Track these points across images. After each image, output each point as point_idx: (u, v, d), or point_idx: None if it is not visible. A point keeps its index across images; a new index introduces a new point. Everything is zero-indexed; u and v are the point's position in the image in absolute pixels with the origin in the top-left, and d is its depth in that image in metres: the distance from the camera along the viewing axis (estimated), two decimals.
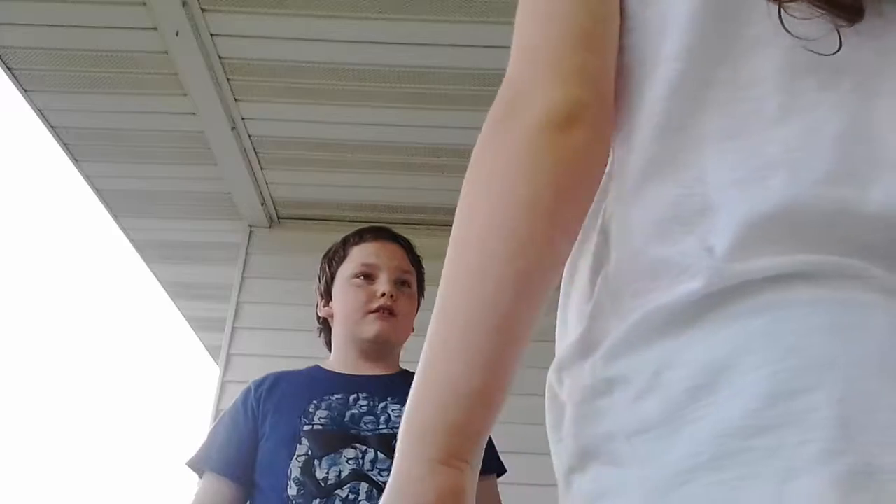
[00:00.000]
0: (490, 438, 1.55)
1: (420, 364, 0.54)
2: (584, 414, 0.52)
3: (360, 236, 1.63)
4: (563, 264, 0.56)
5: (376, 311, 1.51)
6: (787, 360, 0.44)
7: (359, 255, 1.59)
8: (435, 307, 0.55)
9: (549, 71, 0.56)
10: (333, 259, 1.63)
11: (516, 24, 0.61)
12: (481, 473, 1.63)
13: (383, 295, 1.52)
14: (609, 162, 0.58)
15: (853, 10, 0.53)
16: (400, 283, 1.57)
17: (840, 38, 0.53)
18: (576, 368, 0.54)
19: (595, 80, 0.56)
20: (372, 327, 1.51)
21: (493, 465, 1.53)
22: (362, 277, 1.55)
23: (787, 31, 0.53)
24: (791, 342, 0.45)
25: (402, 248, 1.63)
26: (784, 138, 0.51)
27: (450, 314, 0.53)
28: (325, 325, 1.63)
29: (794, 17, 0.53)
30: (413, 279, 1.61)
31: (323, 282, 1.63)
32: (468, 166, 0.57)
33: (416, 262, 1.64)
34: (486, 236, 0.54)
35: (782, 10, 0.54)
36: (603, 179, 0.58)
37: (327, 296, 1.61)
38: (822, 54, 0.53)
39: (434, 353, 0.53)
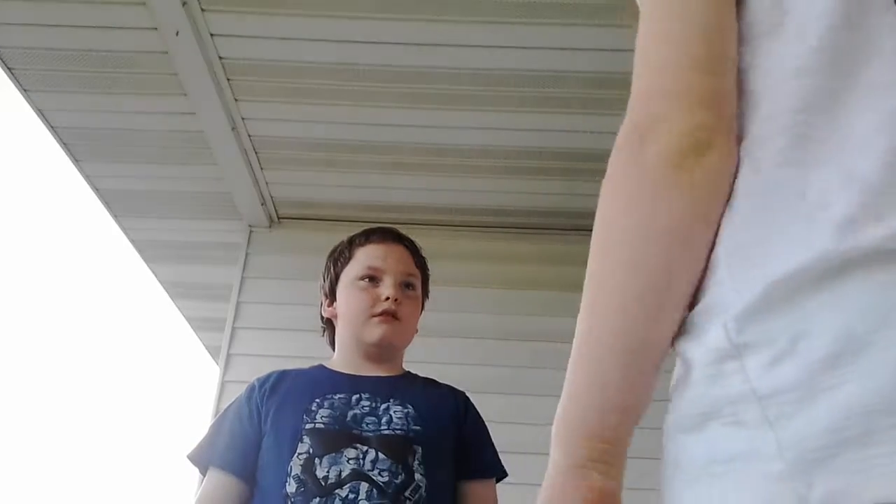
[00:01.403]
0: (493, 444, 1.55)
1: (567, 382, 0.59)
2: (710, 374, 0.52)
3: (366, 237, 1.61)
4: (695, 278, 0.58)
5: (380, 314, 1.51)
6: None
7: (364, 257, 1.58)
8: (577, 333, 0.59)
9: (675, 98, 0.58)
10: (339, 259, 1.62)
11: (638, 41, 0.63)
12: (481, 476, 1.62)
13: (387, 299, 1.51)
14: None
15: None
16: (405, 286, 1.56)
17: None
18: (702, 330, 0.55)
19: (719, 103, 0.58)
20: (376, 331, 1.51)
21: (493, 470, 1.53)
22: (367, 280, 1.55)
23: None
24: None
25: (407, 251, 1.62)
26: None
27: (593, 340, 0.58)
28: (329, 325, 1.63)
29: None
30: (418, 281, 1.60)
31: (327, 282, 1.62)
32: (601, 193, 0.60)
33: (421, 264, 1.63)
34: (626, 269, 0.58)
35: None
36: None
37: (331, 296, 1.60)
38: None
39: (579, 373, 0.58)
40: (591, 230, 0.60)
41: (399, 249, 1.60)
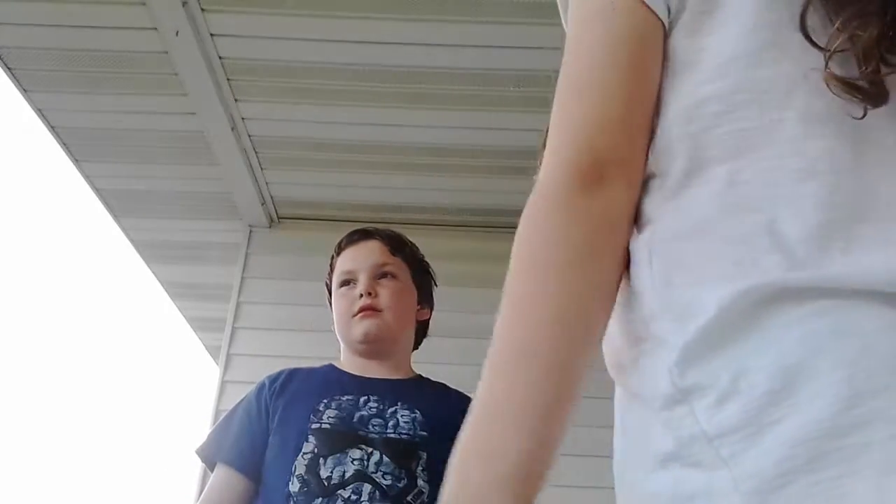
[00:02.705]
0: None
1: (471, 416, 0.61)
2: (663, 419, 0.54)
3: (339, 246, 1.65)
4: (605, 310, 0.60)
5: (358, 311, 1.53)
6: (860, 360, 0.47)
7: (339, 265, 1.61)
8: (485, 373, 0.61)
9: (586, 147, 0.61)
10: (327, 276, 1.67)
11: (560, 79, 0.65)
12: None
13: (362, 296, 1.54)
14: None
15: (876, 96, 0.56)
16: (380, 277, 1.57)
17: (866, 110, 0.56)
18: (647, 368, 0.56)
19: (628, 160, 0.61)
20: (358, 328, 1.53)
21: None
22: (345, 286, 1.58)
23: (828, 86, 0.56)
24: (860, 342, 0.48)
25: (378, 243, 1.62)
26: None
27: (498, 385, 0.60)
28: None
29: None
30: (398, 268, 1.60)
31: (328, 301, 1.66)
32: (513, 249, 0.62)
33: (401, 251, 1.63)
34: (527, 297, 0.62)
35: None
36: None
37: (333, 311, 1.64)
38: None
39: (482, 426, 0.61)
40: None
41: (369, 245, 1.61)
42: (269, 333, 3.16)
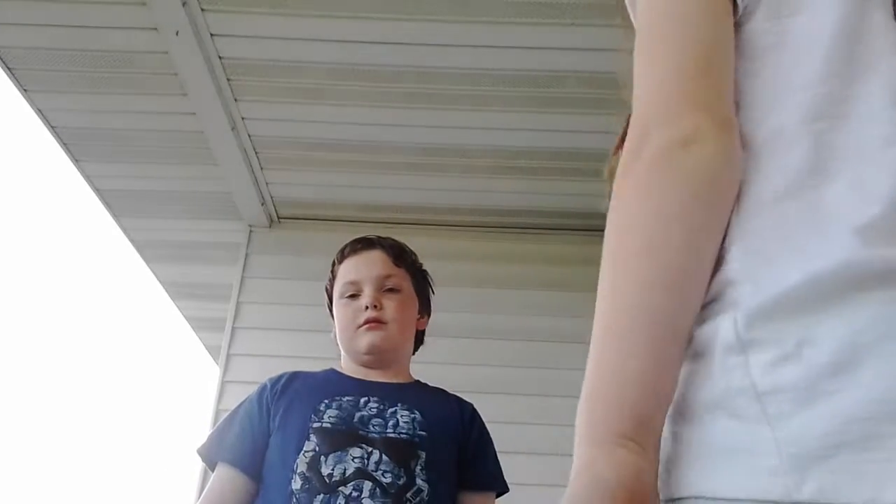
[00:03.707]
0: (496, 457, 1.56)
1: (589, 364, 0.59)
2: (716, 367, 0.54)
3: (342, 254, 1.65)
4: (709, 265, 0.59)
5: (364, 323, 1.53)
6: None
7: (343, 274, 1.61)
8: (598, 313, 0.60)
9: (672, 107, 0.61)
10: (328, 283, 1.66)
11: (635, 56, 0.66)
12: (481, 489, 1.63)
13: (367, 308, 1.54)
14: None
15: None
16: (386, 290, 1.57)
17: None
18: (713, 322, 0.56)
19: (711, 105, 0.61)
20: (363, 340, 1.53)
21: (494, 483, 1.54)
22: (348, 295, 1.58)
23: None
24: None
25: (382, 253, 1.62)
26: None
27: (614, 320, 0.59)
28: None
29: None
30: (401, 281, 1.60)
31: (327, 305, 1.66)
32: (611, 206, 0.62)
33: (404, 261, 1.63)
34: (635, 253, 0.59)
35: None
36: None
37: (333, 318, 1.64)
38: None
39: (601, 354, 0.58)
40: (592, 230, 0.61)
41: (374, 255, 1.61)
42: (269, 333, 3.16)
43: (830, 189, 0.55)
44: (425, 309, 1.67)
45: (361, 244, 1.64)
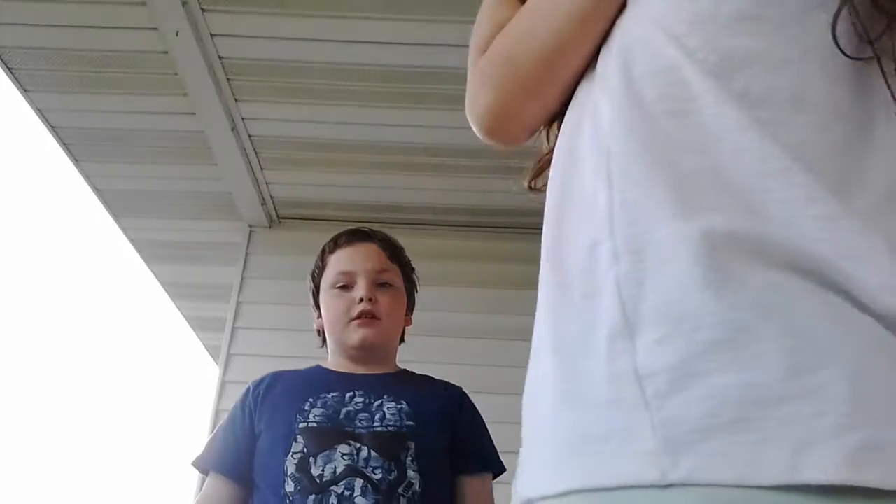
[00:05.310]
0: (490, 438, 1.55)
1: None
2: (602, 349, 0.53)
3: (335, 244, 1.62)
4: None
5: (357, 317, 1.52)
6: (801, 337, 0.47)
7: (335, 264, 1.59)
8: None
9: None
10: (315, 271, 1.63)
11: None
12: (476, 471, 1.62)
13: (362, 300, 1.52)
14: None
15: None
16: (379, 284, 1.56)
17: None
18: (592, 292, 0.56)
19: None
20: (356, 334, 1.51)
21: (488, 464, 1.53)
22: (341, 286, 1.56)
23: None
24: (803, 321, 0.48)
25: (377, 246, 1.60)
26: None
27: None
28: (323, 337, 1.64)
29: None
30: (394, 276, 1.59)
31: (311, 295, 1.64)
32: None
33: (395, 256, 1.62)
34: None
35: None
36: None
37: (318, 308, 1.62)
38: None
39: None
40: None
41: (368, 248, 1.60)
42: (269, 333, 3.16)
43: (702, 155, 0.55)
44: (411, 308, 1.66)
45: (357, 235, 1.62)
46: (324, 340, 1.64)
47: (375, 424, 1.41)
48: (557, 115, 0.72)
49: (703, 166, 0.54)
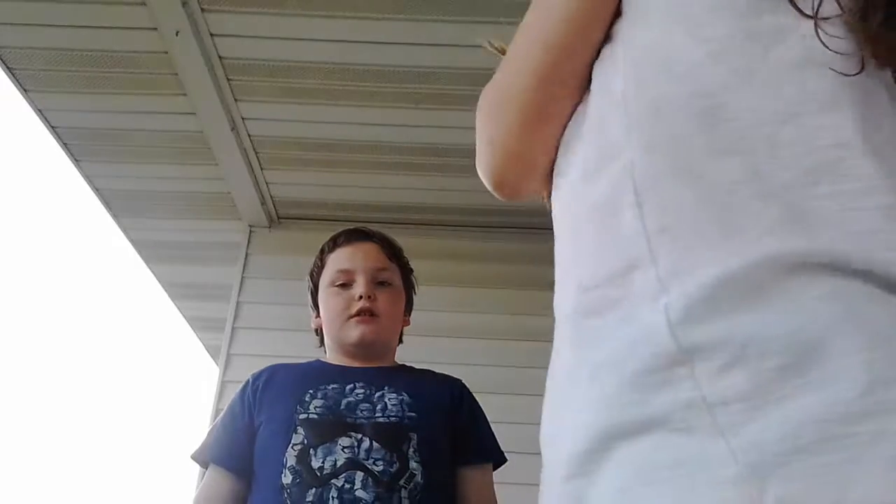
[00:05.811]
0: (490, 429, 1.55)
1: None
2: (656, 379, 0.50)
3: (333, 243, 1.63)
4: None
5: (356, 314, 1.52)
6: (877, 348, 0.45)
7: (334, 263, 1.59)
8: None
9: None
10: (314, 271, 1.64)
11: None
12: (477, 462, 1.61)
13: (360, 298, 1.52)
14: None
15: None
16: (378, 282, 1.56)
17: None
18: (629, 316, 0.53)
19: None
20: (354, 332, 1.52)
21: (490, 455, 1.53)
22: (340, 284, 1.56)
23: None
24: (875, 330, 0.46)
25: (376, 246, 1.61)
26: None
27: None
28: (321, 336, 1.64)
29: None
30: (393, 275, 1.60)
31: (310, 295, 1.64)
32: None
33: (394, 256, 1.63)
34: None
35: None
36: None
37: (316, 308, 1.62)
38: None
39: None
40: None
41: (367, 247, 1.60)
42: (269, 333, 3.16)
43: (734, 165, 0.54)
44: (409, 309, 1.66)
45: (356, 235, 1.63)
46: (322, 340, 1.64)
47: (377, 415, 1.41)
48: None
49: (739, 171, 0.53)
